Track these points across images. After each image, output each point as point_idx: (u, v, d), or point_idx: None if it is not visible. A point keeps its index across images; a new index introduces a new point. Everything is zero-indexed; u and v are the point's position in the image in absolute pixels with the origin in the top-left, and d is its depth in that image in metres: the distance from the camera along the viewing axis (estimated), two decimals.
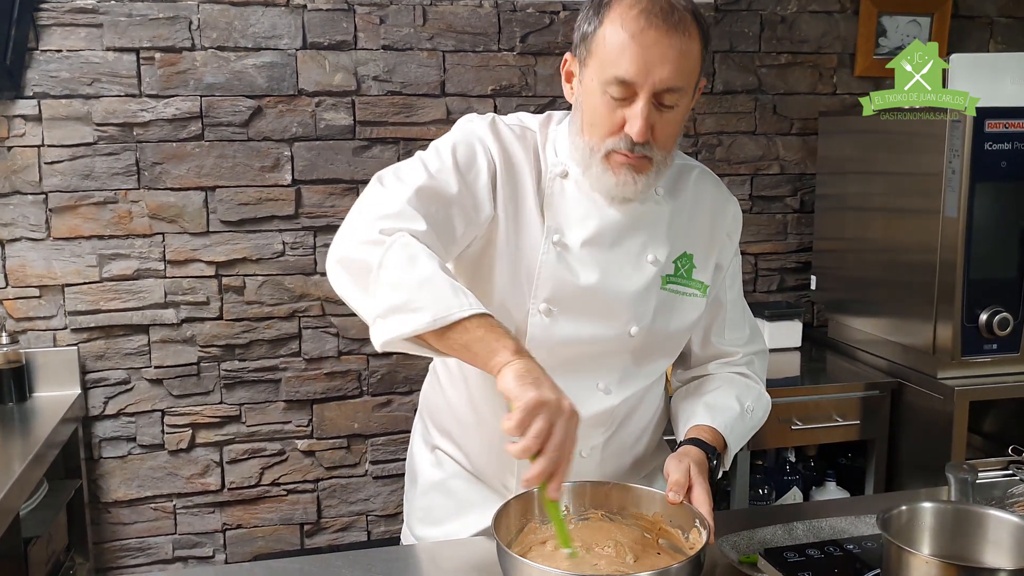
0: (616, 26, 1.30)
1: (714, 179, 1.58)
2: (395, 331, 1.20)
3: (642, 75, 1.29)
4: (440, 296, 1.19)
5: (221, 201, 2.70)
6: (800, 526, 1.48)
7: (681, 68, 1.30)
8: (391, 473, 2.93)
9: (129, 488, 2.75)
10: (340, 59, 2.73)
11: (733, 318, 1.61)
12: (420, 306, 1.18)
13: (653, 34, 1.28)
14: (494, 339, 1.18)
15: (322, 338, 2.82)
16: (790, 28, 3.07)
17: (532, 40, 2.85)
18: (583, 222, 1.43)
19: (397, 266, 1.21)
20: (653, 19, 1.28)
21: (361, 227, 1.28)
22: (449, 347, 1.21)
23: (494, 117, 1.48)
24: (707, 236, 1.53)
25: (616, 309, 1.44)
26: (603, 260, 1.44)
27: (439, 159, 1.40)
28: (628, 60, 1.29)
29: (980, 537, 1.24)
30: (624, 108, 1.32)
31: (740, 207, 1.59)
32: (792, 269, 3.22)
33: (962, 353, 2.46)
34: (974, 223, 2.40)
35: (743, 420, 1.53)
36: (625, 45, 1.29)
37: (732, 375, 1.60)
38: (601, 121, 1.35)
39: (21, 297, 2.60)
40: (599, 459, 1.55)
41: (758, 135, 3.11)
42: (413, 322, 1.18)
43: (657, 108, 1.32)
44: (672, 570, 1.12)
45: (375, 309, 1.22)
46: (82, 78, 2.57)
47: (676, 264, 1.50)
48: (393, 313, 1.20)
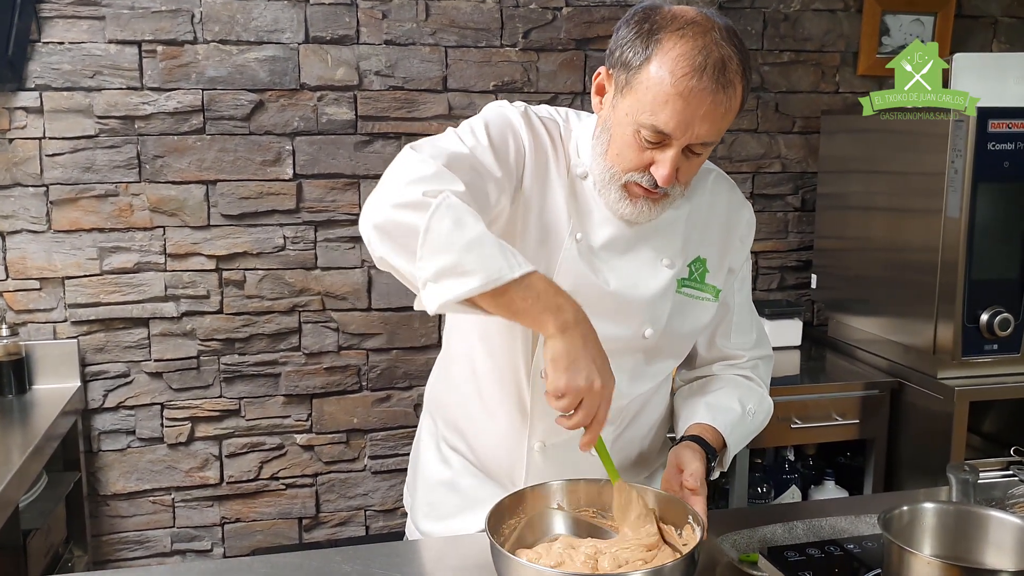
0: (664, 75, 1.25)
1: (730, 183, 1.57)
2: (447, 295, 1.18)
3: (680, 131, 1.27)
4: (490, 258, 1.17)
5: (222, 195, 2.69)
6: (800, 525, 1.48)
7: (721, 126, 1.30)
8: (390, 468, 2.93)
9: (128, 481, 2.75)
10: (342, 53, 2.72)
11: (740, 322, 1.60)
12: (470, 269, 1.16)
13: (701, 96, 1.24)
14: (544, 303, 1.18)
15: (322, 333, 2.82)
16: (793, 26, 3.07)
17: (535, 36, 2.85)
18: (600, 226, 1.43)
19: (444, 229, 1.18)
20: (704, 79, 1.24)
21: (400, 190, 1.23)
22: (500, 307, 1.20)
23: (526, 106, 1.46)
24: (721, 241, 1.53)
25: (632, 312, 1.44)
26: (619, 264, 1.44)
27: (473, 135, 1.38)
28: (669, 115, 1.26)
29: (982, 539, 1.24)
30: (654, 151, 1.31)
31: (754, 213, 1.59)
32: (793, 267, 3.22)
33: (963, 353, 2.46)
34: (976, 223, 2.39)
35: (744, 422, 1.53)
36: (669, 99, 1.25)
37: (736, 377, 1.60)
38: (628, 155, 1.33)
39: (21, 289, 2.60)
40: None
41: (760, 133, 3.11)
42: (464, 285, 1.16)
43: (686, 155, 1.32)
44: (666, 568, 1.12)
45: (424, 273, 1.19)
46: (84, 70, 2.56)
47: (691, 268, 1.50)
48: (444, 277, 1.18)
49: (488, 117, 1.41)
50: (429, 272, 1.19)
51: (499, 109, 1.44)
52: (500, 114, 1.43)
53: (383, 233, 1.24)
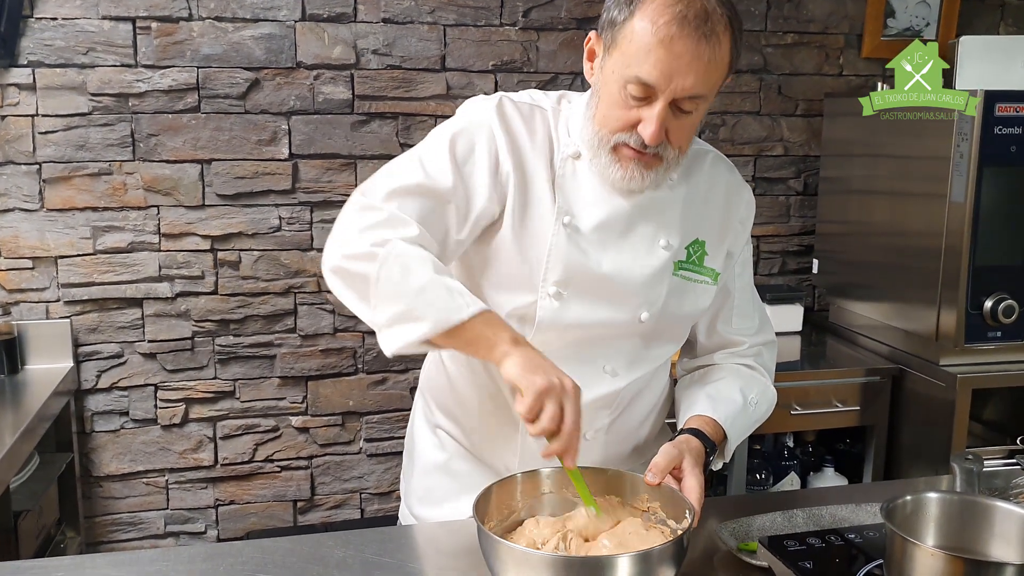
0: (646, 25, 1.24)
1: (728, 165, 1.55)
2: (402, 340, 1.25)
3: (664, 81, 1.25)
4: (438, 302, 1.23)
5: (217, 174, 2.66)
6: (800, 514, 1.45)
7: (706, 78, 1.27)
8: (385, 451, 2.91)
9: (121, 462, 2.73)
10: (339, 32, 2.68)
11: (742, 306, 1.58)
12: (421, 315, 1.23)
13: (683, 43, 1.23)
14: (492, 334, 1.24)
15: (318, 315, 2.79)
16: (797, 7, 3.03)
17: (535, 15, 2.80)
18: (594, 207, 1.41)
19: (392, 278, 1.25)
20: (686, 27, 1.23)
21: (350, 241, 1.30)
22: (454, 345, 1.28)
23: (502, 98, 1.43)
24: (720, 223, 1.50)
25: (627, 294, 1.42)
26: (614, 246, 1.42)
27: (435, 153, 1.38)
28: (652, 64, 1.25)
29: (986, 530, 1.21)
30: (641, 108, 1.29)
31: (737, 161, 1.56)
32: (794, 252, 3.19)
33: (965, 340, 2.43)
34: (981, 208, 2.37)
35: (745, 413, 1.51)
36: (651, 48, 1.24)
37: (738, 366, 1.57)
38: (616, 115, 1.32)
39: (13, 268, 2.57)
40: (603, 441, 1.53)
41: (762, 116, 3.07)
42: (417, 331, 1.23)
43: (675, 113, 1.30)
44: (654, 552, 1.10)
45: (379, 319, 1.27)
46: (77, 47, 2.52)
47: (688, 251, 1.47)
48: (397, 323, 1.25)
49: (456, 128, 1.40)
50: (383, 319, 1.27)
51: (472, 109, 1.43)
52: (471, 118, 1.42)
53: (338, 279, 1.32)
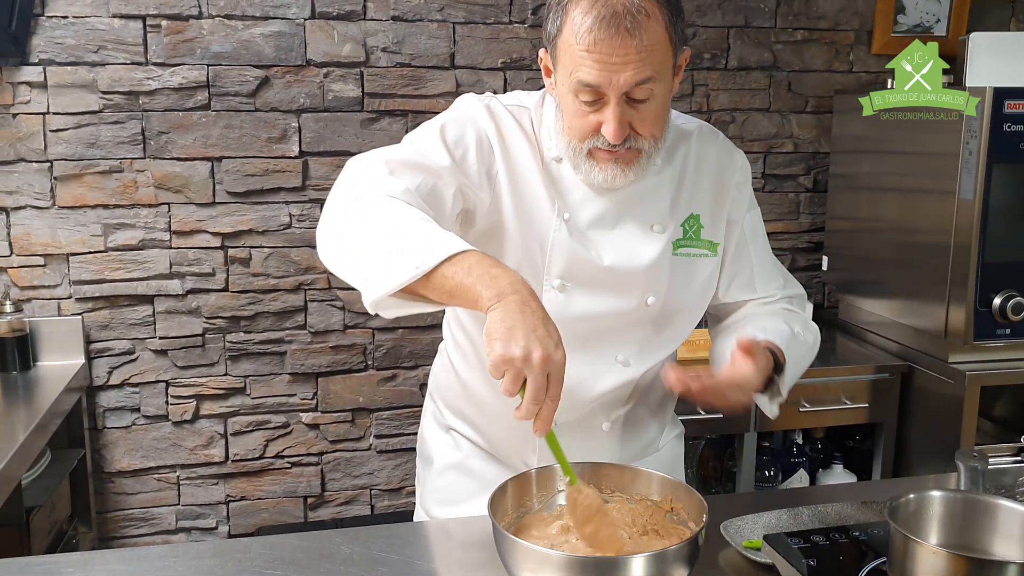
0: (570, 35, 1.27)
1: (714, 131, 1.54)
2: (384, 288, 1.16)
3: (605, 81, 1.27)
4: (418, 244, 1.16)
5: (227, 172, 2.67)
6: (806, 511, 1.45)
7: (646, 63, 1.26)
8: (395, 447, 2.92)
9: (133, 458, 2.75)
10: (349, 29, 2.69)
11: (762, 271, 1.56)
12: (400, 261, 1.15)
13: (608, 43, 1.24)
14: (471, 284, 1.12)
15: (328, 311, 2.80)
16: (807, 3, 3.02)
17: (544, 13, 2.80)
18: (583, 205, 1.42)
19: (372, 228, 1.20)
20: (605, 28, 1.24)
21: (337, 201, 1.28)
22: (436, 293, 1.16)
23: (491, 97, 1.46)
24: (714, 193, 1.50)
25: (631, 283, 1.43)
26: (611, 238, 1.43)
27: (426, 137, 1.39)
28: (587, 70, 1.26)
29: (990, 528, 1.21)
30: (598, 112, 1.30)
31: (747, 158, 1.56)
32: (804, 249, 3.19)
33: (974, 337, 2.43)
34: (990, 205, 2.36)
35: (796, 342, 1.47)
36: (582, 57, 1.26)
37: (774, 308, 1.55)
38: (578, 123, 1.33)
39: (25, 266, 2.59)
40: (619, 433, 1.53)
41: (772, 112, 3.06)
42: (398, 276, 1.14)
43: (631, 105, 1.30)
44: (668, 552, 1.10)
45: (358, 276, 1.21)
46: (88, 45, 2.54)
47: (684, 228, 1.47)
48: (379, 273, 1.17)
49: (446, 118, 1.42)
50: (362, 274, 1.20)
51: (462, 106, 1.45)
52: (461, 112, 1.43)
53: (324, 242, 1.28)
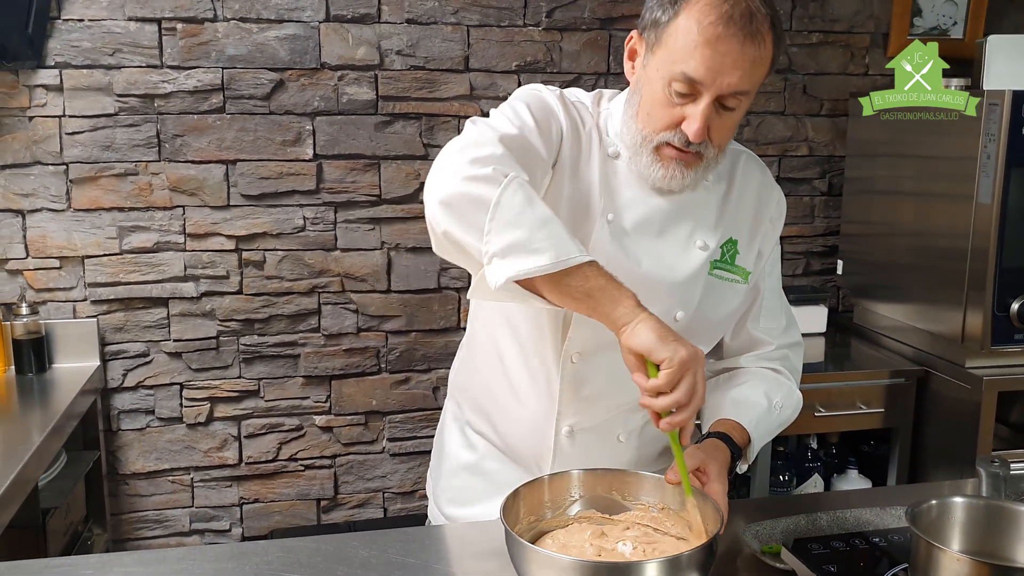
0: (692, 24, 1.26)
1: (760, 165, 1.55)
2: (514, 269, 1.15)
3: (710, 78, 1.26)
4: (560, 239, 1.16)
5: (242, 175, 2.68)
6: (824, 517, 1.44)
7: (751, 75, 1.28)
8: (408, 451, 2.92)
9: (147, 460, 2.75)
10: (363, 32, 2.69)
11: (770, 306, 1.58)
12: (540, 247, 1.15)
13: (729, 42, 1.25)
14: (614, 288, 1.17)
15: (341, 314, 2.81)
16: (822, 6, 3.01)
17: (558, 15, 2.80)
18: (633, 206, 1.42)
19: (516, 204, 1.17)
20: (732, 26, 1.24)
21: (471, 165, 1.21)
22: (564, 293, 1.18)
23: (561, 90, 1.46)
24: (751, 222, 1.51)
25: (663, 294, 1.42)
26: (652, 245, 1.42)
27: (519, 116, 1.36)
28: (698, 62, 1.26)
29: (1013, 535, 1.20)
30: (685, 106, 1.30)
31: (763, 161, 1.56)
32: (818, 253, 3.17)
33: (992, 342, 2.41)
34: (1008, 209, 2.34)
35: (769, 416, 1.51)
36: (698, 46, 1.25)
37: (763, 370, 1.57)
38: (659, 114, 1.33)
39: (41, 268, 2.60)
40: (636, 444, 1.53)
41: (787, 115, 3.05)
42: (534, 262, 1.14)
43: (718, 111, 1.30)
44: (683, 557, 1.10)
45: (492, 247, 1.17)
46: (103, 48, 2.55)
47: (723, 249, 1.48)
48: (512, 252, 1.16)
49: (527, 99, 1.41)
50: (497, 247, 1.16)
51: (535, 91, 1.44)
52: (538, 96, 1.42)
53: (449, 207, 1.21)
